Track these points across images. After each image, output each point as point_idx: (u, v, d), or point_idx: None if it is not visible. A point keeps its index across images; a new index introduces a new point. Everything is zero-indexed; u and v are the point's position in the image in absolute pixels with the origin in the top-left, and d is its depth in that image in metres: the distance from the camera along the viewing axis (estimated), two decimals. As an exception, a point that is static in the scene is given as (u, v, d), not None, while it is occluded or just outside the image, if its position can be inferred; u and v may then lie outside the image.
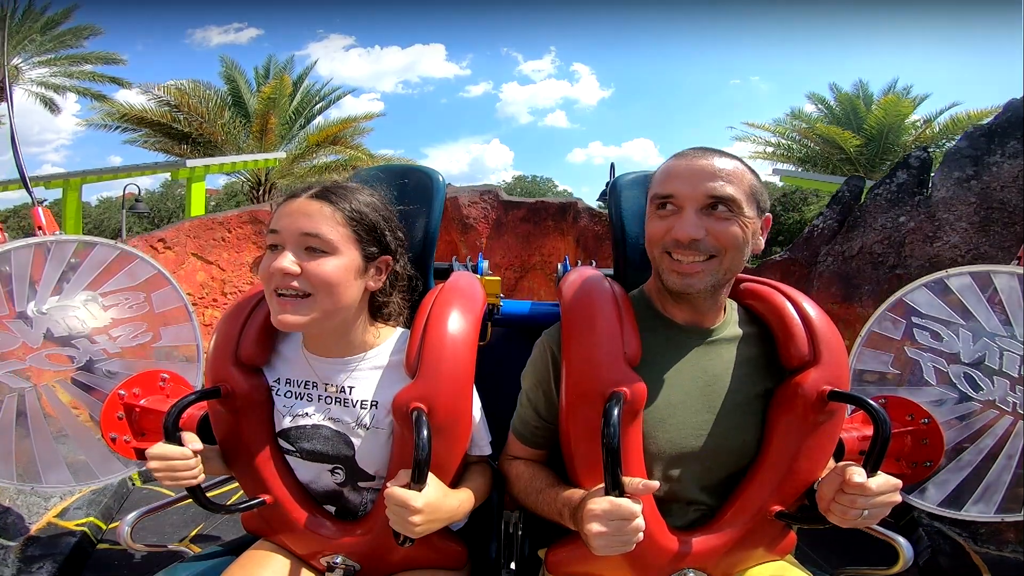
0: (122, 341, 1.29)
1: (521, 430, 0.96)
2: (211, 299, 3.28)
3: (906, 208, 2.31)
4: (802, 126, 11.21)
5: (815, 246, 2.61)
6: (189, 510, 1.94)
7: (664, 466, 0.85)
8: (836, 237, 2.54)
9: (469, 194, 3.95)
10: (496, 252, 3.98)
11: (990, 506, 1.19)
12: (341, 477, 0.93)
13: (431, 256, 1.21)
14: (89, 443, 1.23)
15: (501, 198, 3.97)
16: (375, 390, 0.91)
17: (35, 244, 1.26)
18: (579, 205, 3.87)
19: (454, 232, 4.00)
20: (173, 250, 3.16)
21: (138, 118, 10.79)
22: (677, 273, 0.84)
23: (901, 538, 0.93)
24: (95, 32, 11.67)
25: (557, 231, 3.97)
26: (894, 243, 2.30)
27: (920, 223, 2.24)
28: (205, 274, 3.29)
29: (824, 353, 0.85)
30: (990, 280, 1.25)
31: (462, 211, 3.90)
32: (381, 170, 1.30)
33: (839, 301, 2.41)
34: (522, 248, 4.02)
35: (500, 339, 1.34)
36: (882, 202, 2.39)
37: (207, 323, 3.23)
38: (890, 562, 0.95)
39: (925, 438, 1.19)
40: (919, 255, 2.21)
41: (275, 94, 10.95)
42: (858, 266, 2.39)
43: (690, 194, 0.82)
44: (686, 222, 0.82)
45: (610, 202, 1.17)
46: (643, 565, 0.83)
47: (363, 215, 0.88)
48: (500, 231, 3.99)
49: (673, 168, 0.86)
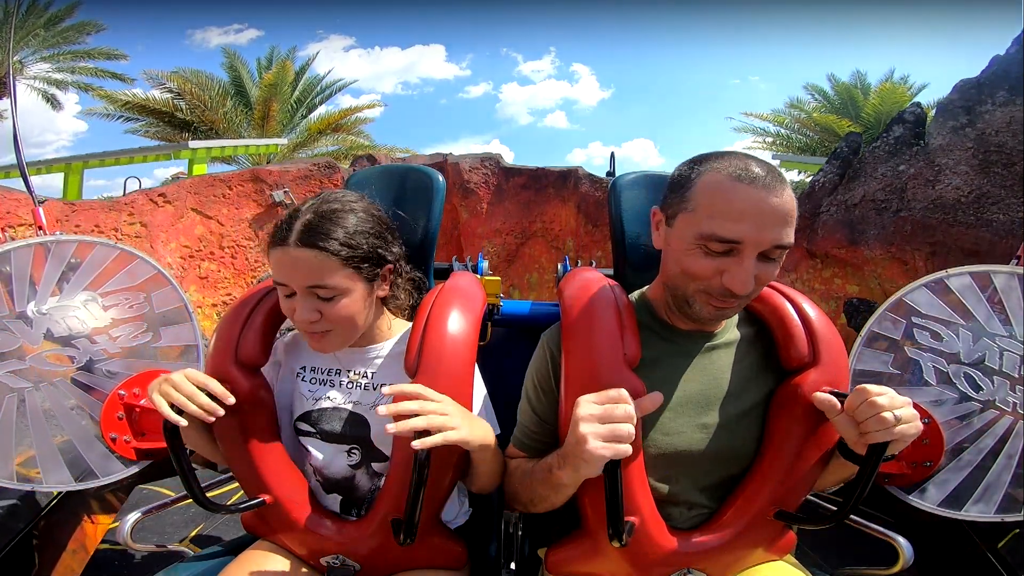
0: (122, 341, 1.29)
1: (522, 437, 0.95)
2: (208, 252, 3.30)
3: (905, 157, 2.36)
4: (800, 115, 11.16)
5: (817, 199, 2.65)
6: (189, 510, 1.94)
7: (665, 469, 0.85)
8: (837, 189, 2.58)
9: (470, 160, 3.98)
10: (497, 218, 4.00)
11: (990, 506, 1.19)
12: (356, 458, 0.95)
13: (431, 256, 1.21)
14: (89, 443, 1.23)
15: (502, 164, 4.00)
16: (392, 376, 0.95)
17: (35, 244, 1.26)
18: (579, 171, 3.89)
19: (455, 198, 4.01)
20: (173, 204, 3.18)
21: (140, 106, 10.80)
22: (714, 307, 0.79)
23: (901, 538, 0.93)
24: (98, 28, 11.70)
25: (558, 198, 3.99)
26: (896, 189, 2.33)
27: (920, 169, 2.28)
28: (204, 228, 3.30)
29: (824, 354, 0.84)
30: (990, 280, 1.25)
31: (463, 176, 3.94)
32: (381, 170, 1.30)
33: (845, 245, 2.44)
34: (523, 214, 4.05)
35: (500, 339, 1.34)
36: (881, 154, 2.44)
37: (203, 275, 3.24)
38: (890, 562, 0.95)
39: (925, 438, 1.19)
40: (922, 198, 2.25)
41: (277, 80, 10.94)
42: (862, 213, 2.42)
43: (756, 240, 0.73)
44: (746, 273, 0.73)
45: (610, 202, 1.17)
46: (643, 565, 0.83)
47: (356, 247, 0.87)
48: (501, 197, 4.02)
49: (740, 205, 0.73)
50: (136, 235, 3.05)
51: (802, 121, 11.10)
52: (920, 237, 2.23)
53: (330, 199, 0.91)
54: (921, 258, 2.22)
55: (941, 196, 2.19)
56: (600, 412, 0.70)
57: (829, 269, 2.56)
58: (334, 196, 0.92)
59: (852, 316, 2.37)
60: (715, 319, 0.85)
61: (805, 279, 2.65)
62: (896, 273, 2.30)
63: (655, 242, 0.88)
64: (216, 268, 3.33)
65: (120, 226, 3.01)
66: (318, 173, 3.71)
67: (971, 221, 2.10)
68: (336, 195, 0.93)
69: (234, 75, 11.70)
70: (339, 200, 0.91)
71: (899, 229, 2.28)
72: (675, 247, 0.81)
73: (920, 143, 2.35)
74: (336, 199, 0.91)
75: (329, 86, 12.81)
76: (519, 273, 4.23)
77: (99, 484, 1.23)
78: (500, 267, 4.19)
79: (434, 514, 0.94)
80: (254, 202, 3.45)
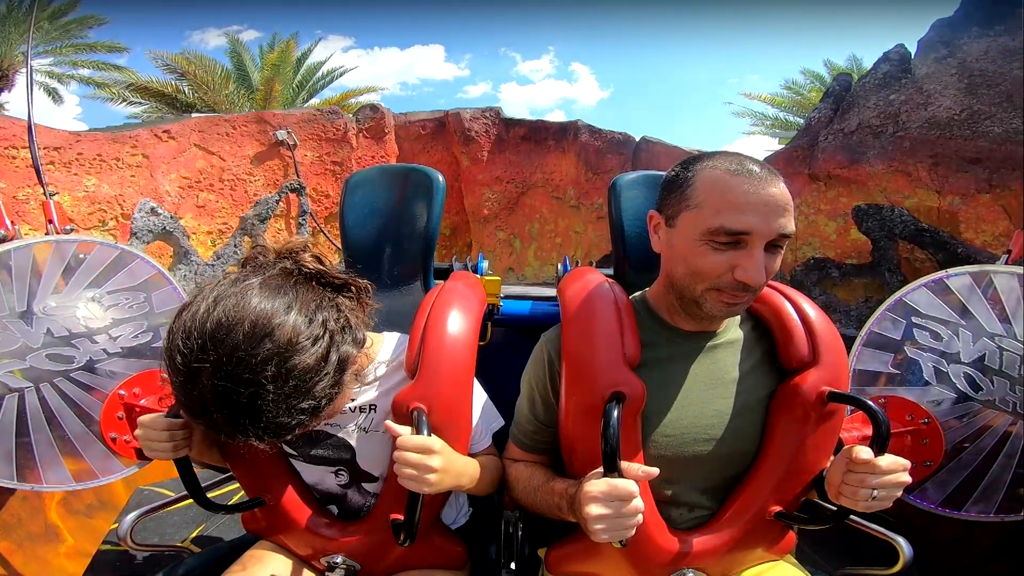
0: (122, 341, 1.29)
1: (520, 437, 0.96)
2: (207, 184, 3.37)
3: (894, 88, 2.50)
4: (798, 98, 11.15)
5: (814, 132, 2.77)
6: (190, 510, 1.94)
7: (665, 470, 0.85)
8: (832, 121, 2.72)
9: (472, 111, 4.05)
10: (497, 166, 4.10)
11: (990, 506, 1.19)
12: (345, 479, 0.93)
13: (431, 256, 1.21)
14: (89, 443, 1.23)
15: (502, 116, 4.06)
16: (374, 395, 0.91)
17: (35, 244, 1.26)
18: (579, 123, 3.96)
19: (456, 146, 4.08)
20: (176, 140, 3.26)
21: (142, 88, 10.73)
22: (726, 303, 0.78)
23: (901, 538, 0.93)
24: (100, 22, 11.69)
25: (558, 149, 4.10)
26: (890, 115, 2.47)
27: (910, 95, 2.42)
28: (205, 162, 3.38)
29: (823, 354, 0.84)
30: (990, 280, 1.25)
31: (464, 124, 4.02)
32: (381, 170, 1.30)
33: (846, 165, 2.55)
34: (523, 164, 4.15)
35: (500, 339, 1.34)
36: (871, 87, 2.59)
37: (200, 204, 3.29)
38: (890, 562, 0.94)
39: (925, 438, 1.19)
40: (916, 119, 2.38)
41: (280, 61, 10.89)
42: (859, 138, 2.54)
43: (764, 231, 0.73)
44: (757, 264, 0.73)
45: (609, 202, 1.17)
46: (642, 565, 0.83)
47: (305, 412, 0.69)
48: (502, 147, 4.12)
49: (744, 197, 0.73)
50: (137, 164, 3.08)
51: (800, 103, 11.07)
52: (921, 151, 2.34)
53: (232, 365, 0.64)
54: (924, 169, 2.33)
55: (935, 116, 2.32)
56: (611, 512, 0.69)
57: (833, 189, 2.65)
58: (236, 360, 0.64)
59: (862, 220, 2.50)
60: (727, 316, 0.85)
61: (810, 201, 2.73)
62: (902, 184, 2.41)
63: (654, 245, 0.87)
64: (215, 199, 3.39)
65: (122, 156, 3.04)
66: (321, 118, 3.72)
67: (968, 134, 2.23)
68: (237, 355, 0.64)
69: (236, 60, 11.59)
70: (244, 363, 0.64)
71: (899, 146, 2.42)
72: (680, 247, 0.80)
73: (907, 76, 2.50)
74: (240, 370, 0.64)
75: (331, 72, 12.75)
76: (520, 223, 4.27)
77: (99, 484, 1.23)
78: (501, 215, 4.23)
79: (434, 515, 0.94)
80: (257, 141, 3.52)
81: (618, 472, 0.70)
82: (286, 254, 0.78)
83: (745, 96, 11.58)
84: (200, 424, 0.69)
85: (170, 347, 0.66)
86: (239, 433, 0.67)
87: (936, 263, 2.22)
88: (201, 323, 0.65)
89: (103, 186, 2.95)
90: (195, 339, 0.65)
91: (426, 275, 1.21)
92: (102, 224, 2.97)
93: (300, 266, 0.76)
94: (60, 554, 1.64)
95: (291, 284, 0.72)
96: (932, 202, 2.30)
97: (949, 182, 2.25)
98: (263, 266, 0.75)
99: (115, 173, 3.00)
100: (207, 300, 0.67)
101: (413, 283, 1.21)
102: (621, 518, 0.69)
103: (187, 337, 0.65)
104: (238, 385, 0.64)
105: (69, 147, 2.88)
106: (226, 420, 0.66)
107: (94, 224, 2.95)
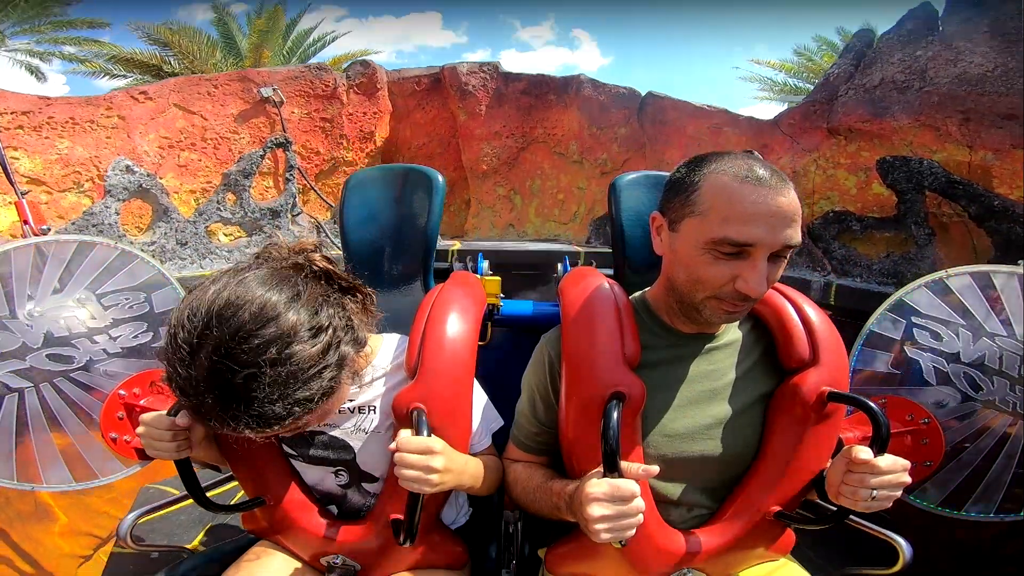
0: (122, 341, 1.29)
1: (521, 438, 0.96)
2: (189, 143, 3.25)
3: (921, 45, 2.35)
4: (808, 63, 10.89)
5: (833, 87, 2.60)
6: (193, 511, 1.94)
7: (665, 470, 0.85)
8: (853, 76, 2.56)
9: (468, 64, 3.90)
10: (496, 120, 3.94)
11: (990, 506, 1.19)
12: (345, 479, 0.93)
13: (431, 256, 1.21)
14: (89, 443, 1.23)
15: (500, 70, 3.94)
16: (373, 395, 0.91)
17: (35, 244, 1.26)
18: (582, 77, 3.85)
19: (453, 102, 3.90)
20: (154, 101, 3.13)
21: (126, 59, 10.47)
22: (726, 312, 0.78)
23: (901, 538, 0.93)
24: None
25: (560, 104, 3.94)
26: (916, 71, 2.32)
27: (938, 52, 2.26)
28: (186, 122, 3.25)
29: (823, 354, 0.84)
30: (990, 280, 1.25)
31: (460, 79, 3.83)
32: (381, 170, 1.30)
33: (868, 119, 2.41)
34: (523, 119, 3.99)
35: (500, 339, 1.34)
36: (895, 43, 2.43)
37: (182, 164, 3.22)
38: (890, 562, 0.95)
39: (925, 438, 1.18)
40: (945, 75, 2.23)
41: (268, 28, 10.50)
42: (882, 93, 2.40)
43: (769, 242, 0.72)
44: (759, 276, 0.72)
45: (610, 203, 1.17)
46: (642, 565, 0.83)
47: (299, 403, 0.69)
48: (500, 101, 3.95)
49: (751, 207, 0.71)
50: (113, 126, 2.99)
51: (810, 68, 10.82)
52: (950, 106, 2.21)
53: (234, 343, 0.64)
54: (954, 124, 2.20)
55: (965, 72, 2.18)
56: (613, 512, 0.69)
57: (854, 144, 2.53)
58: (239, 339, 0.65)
59: (888, 173, 2.37)
60: (726, 323, 0.86)
61: (828, 155, 2.61)
62: (929, 139, 2.28)
63: (656, 247, 0.87)
64: (197, 158, 3.26)
65: (96, 118, 2.95)
66: (309, 74, 3.60)
67: (1002, 91, 2.09)
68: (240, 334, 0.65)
69: (223, 29, 11.21)
70: (245, 343, 0.65)
71: (926, 101, 2.27)
72: (682, 253, 0.79)
73: (933, 33, 2.36)
74: (241, 350, 0.64)
75: (322, 38, 12.42)
76: (520, 178, 4.14)
77: (99, 484, 1.23)
78: (501, 170, 4.09)
79: (434, 515, 0.94)
80: (240, 99, 3.39)
81: (618, 472, 0.69)
82: (298, 251, 0.80)
83: (753, 62, 11.36)
84: (190, 407, 0.69)
85: (174, 324, 0.67)
86: (230, 419, 0.66)
87: (968, 216, 2.11)
88: (209, 302, 0.66)
89: (76, 148, 2.83)
90: (201, 316, 0.66)
91: (426, 275, 1.22)
92: (77, 186, 2.85)
93: (311, 263, 0.78)
94: (54, 533, 1.64)
95: (301, 278, 0.74)
96: (962, 156, 2.17)
97: (981, 137, 2.12)
98: (275, 259, 0.78)
99: (89, 135, 2.89)
100: (217, 283, 0.69)
101: (413, 283, 1.21)
102: (622, 518, 0.69)
103: (193, 314, 0.66)
104: (236, 364, 0.64)
105: (39, 111, 2.77)
106: (217, 401, 0.65)
107: (68, 186, 2.83)
